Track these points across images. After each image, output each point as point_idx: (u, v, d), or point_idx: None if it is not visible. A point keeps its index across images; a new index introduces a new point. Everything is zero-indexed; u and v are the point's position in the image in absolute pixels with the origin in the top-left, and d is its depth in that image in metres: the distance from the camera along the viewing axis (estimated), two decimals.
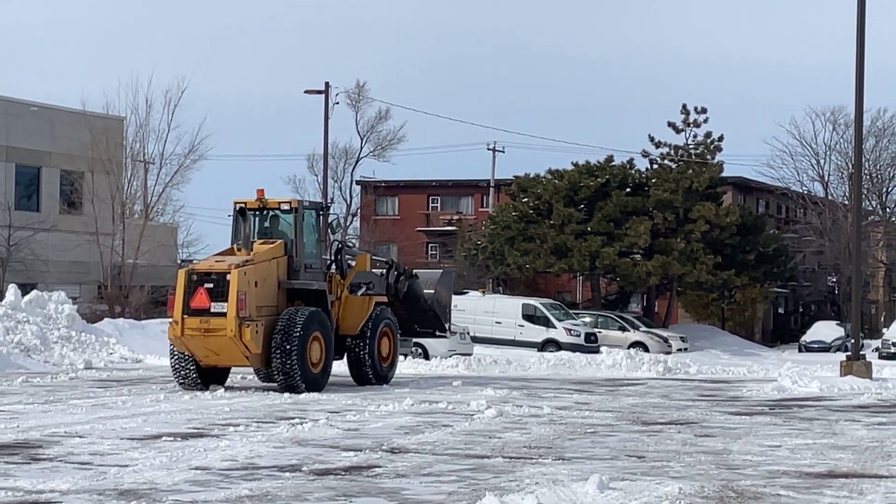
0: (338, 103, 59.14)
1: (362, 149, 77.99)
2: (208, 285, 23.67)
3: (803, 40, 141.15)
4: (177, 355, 24.38)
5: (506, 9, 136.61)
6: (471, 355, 38.22)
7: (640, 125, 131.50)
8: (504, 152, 74.99)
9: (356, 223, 79.06)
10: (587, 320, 53.67)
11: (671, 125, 62.38)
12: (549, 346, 48.50)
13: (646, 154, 62.65)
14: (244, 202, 25.07)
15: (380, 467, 13.54)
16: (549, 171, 62.52)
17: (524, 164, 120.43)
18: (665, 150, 62.38)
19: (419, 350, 37.86)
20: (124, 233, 49.13)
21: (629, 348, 45.78)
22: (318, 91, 56.14)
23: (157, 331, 35.96)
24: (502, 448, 15.38)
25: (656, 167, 62.64)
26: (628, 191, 61.03)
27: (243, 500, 11.44)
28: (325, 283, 25.65)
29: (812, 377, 28.42)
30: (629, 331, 54.63)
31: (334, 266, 26.69)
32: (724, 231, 60.52)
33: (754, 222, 64.78)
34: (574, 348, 46.49)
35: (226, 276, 23.58)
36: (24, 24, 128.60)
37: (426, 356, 37.42)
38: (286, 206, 25.40)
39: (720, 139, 62.20)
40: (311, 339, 24.16)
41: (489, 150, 74.18)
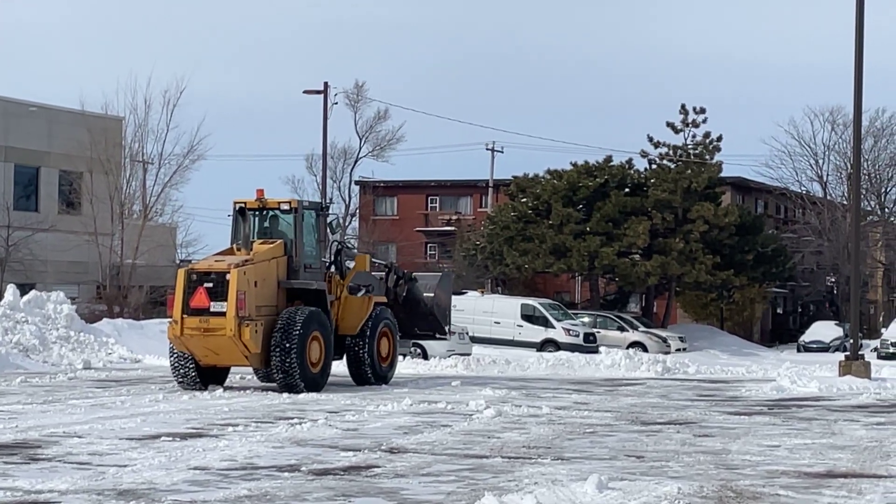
0: (336, 103, 59.20)
1: (361, 149, 78.09)
2: (208, 285, 23.68)
3: (802, 40, 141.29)
4: (176, 355, 24.40)
5: (505, 9, 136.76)
6: (470, 355, 38.23)
7: (638, 125, 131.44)
8: (503, 152, 75.09)
9: (355, 223, 79.02)
10: (586, 320, 53.61)
11: (670, 125, 62.33)
12: (547, 346, 48.47)
13: (644, 154, 62.64)
14: (244, 202, 25.08)
15: (379, 467, 13.54)
16: (548, 172, 62.46)
17: (523, 165, 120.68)
18: (664, 150, 62.34)
19: (418, 350, 37.85)
20: (123, 233, 49.10)
21: (628, 348, 45.80)
22: (317, 91, 56.09)
23: (156, 331, 35.96)
24: (501, 448, 15.38)
25: (655, 167, 62.57)
26: (627, 191, 60.95)
27: (242, 500, 11.44)
28: (325, 283, 25.65)
29: (811, 377, 28.42)
30: (628, 331, 54.56)
31: (334, 266, 26.69)
32: (723, 231, 60.47)
33: (753, 222, 64.74)
34: (573, 348, 46.48)
35: (225, 276, 23.58)
36: (24, 24, 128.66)
37: (425, 356, 37.40)
38: (286, 206, 25.39)
39: (719, 139, 62.19)
40: (311, 339, 24.16)
41: (488, 150, 74.20)
